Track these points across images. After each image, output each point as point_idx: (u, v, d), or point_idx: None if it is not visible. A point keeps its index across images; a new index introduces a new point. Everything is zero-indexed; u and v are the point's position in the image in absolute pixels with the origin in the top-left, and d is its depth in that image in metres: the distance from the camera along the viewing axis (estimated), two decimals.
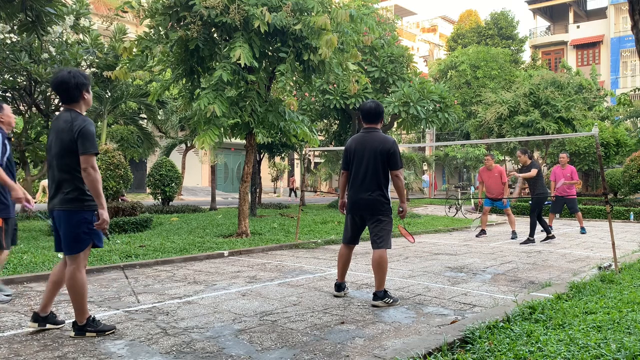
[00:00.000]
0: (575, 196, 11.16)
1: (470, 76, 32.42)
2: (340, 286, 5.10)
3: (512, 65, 34.79)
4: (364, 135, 4.87)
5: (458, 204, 17.93)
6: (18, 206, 4.80)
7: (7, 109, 4.94)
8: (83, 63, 13.47)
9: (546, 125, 20.63)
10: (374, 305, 4.66)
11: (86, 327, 3.68)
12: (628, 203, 17.08)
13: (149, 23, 8.60)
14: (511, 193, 20.58)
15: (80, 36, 13.69)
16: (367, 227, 4.98)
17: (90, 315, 3.75)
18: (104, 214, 3.64)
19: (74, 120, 3.62)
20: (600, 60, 37.92)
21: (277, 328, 3.93)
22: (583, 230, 11.52)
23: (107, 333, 3.73)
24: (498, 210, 12.12)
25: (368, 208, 4.79)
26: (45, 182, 19.50)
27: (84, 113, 3.81)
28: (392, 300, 4.70)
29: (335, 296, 5.08)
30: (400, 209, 4.89)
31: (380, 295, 4.67)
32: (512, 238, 10.42)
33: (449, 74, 33.37)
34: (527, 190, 26.89)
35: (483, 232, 11.02)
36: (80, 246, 3.67)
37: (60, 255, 6.84)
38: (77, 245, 3.66)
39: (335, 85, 15.63)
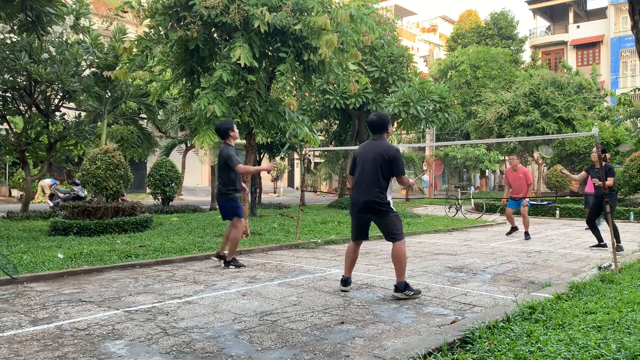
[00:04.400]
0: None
1: (470, 76, 32.42)
2: (347, 281, 5.34)
3: (512, 65, 34.80)
4: (370, 143, 5.20)
5: (458, 204, 17.93)
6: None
7: None
8: (83, 63, 13.47)
9: (546, 125, 20.66)
10: (395, 297, 4.87)
11: (230, 262, 6.59)
12: (628, 203, 17.08)
13: (149, 23, 8.60)
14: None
15: (80, 36, 13.69)
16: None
17: (234, 257, 6.64)
18: (265, 167, 7.19)
19: (222, 151, 6.46)
20: (600, 60, 37.91)
21: (277, 328, 3.93)
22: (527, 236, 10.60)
23: (240, 268, 6.50)
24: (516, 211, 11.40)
25: (368, 208, 5.02)
26: (43, 182, 19.48)
27: (233, 143, 6.55)
28: (412, 292, 4.90)
29: (342, 290, 5.27)
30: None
31: (401, 287, 4.89)
32: (526, 239, 10.27)
33: (449, 74, 33.36)
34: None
35: (515, 229, 10.85)
36: (231, 216, 6.57)
37: (60, 255, 6.87)
38: (229, 216, 6.59)
39: (335, 85, 15.63)
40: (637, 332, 3.37)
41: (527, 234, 10.42)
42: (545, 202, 17.79)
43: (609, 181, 8.33)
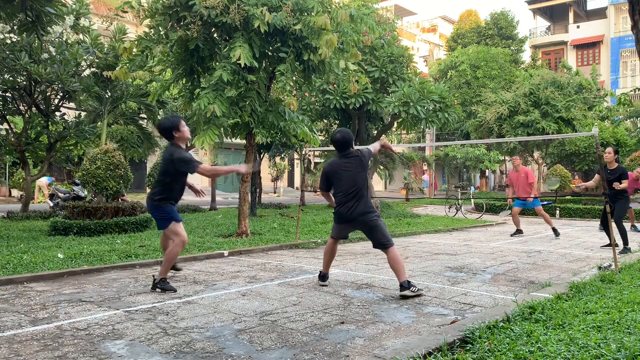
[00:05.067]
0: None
1: (470, 76, 32.40)
2: (324, 277, 5.57)
3: (512, 65, 34.79)
4: (342, 159, 5.36)
5: (458, 204, 17.93)
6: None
7: None
8: (83, 63, 13.46)
9: (546, 125, 20.64)
10: (402, 296, 4.93)
11: (158, 284, 5.18)
12: None
13: (149, 23, 8.59)
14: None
15: (80, 36, 13.69)
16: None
17: (164, 277, 5.20)
18: (238, 169, 5.43)
19: (172, 153, 5.25)
20: (600, 60, 37.92)
21: (277, 328, 3.93)
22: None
23: (167, 291, 5.13)
24: (529, 210, 11.74)
25: (363, 219, 5.21)
26: (40, 182, 19.48)
27: (183, 145, 5.43)
28: (417, 289, 5.00)
29: (321, 285, 5.48)
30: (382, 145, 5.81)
31: (406, 285, 4.97)
32: (556, 236, 10.42)
33: (449, 74, 33.34)
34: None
35: (519, 232, 11.00)
36: (165, 224, 5.29)
37: (60, 255, 6.88)
38: (163, 224, 5.31)
39: (335, 85, 15.61)
40: (637, 332, 3.37)
41: (554, 230, 10.53)
42: (545, 202, 17.78)
43: (624, 183, 8.33)
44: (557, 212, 16.90)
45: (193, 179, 6.07)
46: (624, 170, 8.48)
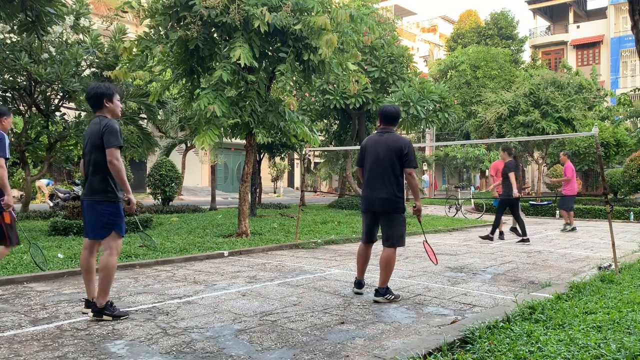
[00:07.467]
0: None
1: (470, 76, 32.41)
2: (360, 283, 5.20)
3: (512, 65, 34.78)
4: (381, 136, 4.99)
5: (458, 204, 17.93)
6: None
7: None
8: (83, 63, 13.46)
9: (546, 125, 20.62)
10: (375, 301, 4.77)
11: (104, 310, 4.10)
12: (628, 203, 17.08)
13: (149, 23, 8.59)
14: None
15: (80, 36, 13.68)
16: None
17: (109, 300, 4.15)
18: (132, 198, 4.24)
19: (101, 122, 4.20)
20: (600, 60, 37.89)
21: (277, 328, 3.93)
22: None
23: (121, 318, 4.14)
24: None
25: (382, 206, 4.86)
26: (39, 182, 19.48)
27: (109, 116, 4.32)
28: (393, 297, 4.83)
29: (356, 293, 5.16)
30: (414, 206, 4.99)
31: (382, 291, 4.80)
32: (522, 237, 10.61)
33: (449, 74, 33.35)
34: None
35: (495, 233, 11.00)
36: (104, 233, 4.16)
37: (60, 255, 6.88)
38: (101, 232, 4.17)
39: (335, 85, 15.61)
40: (637, 332, 3.37)
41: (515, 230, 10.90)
42: (545, 202, 17.80)
43: (511, 177, 9.35)
44: (557, 212, 16.90)
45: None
46: (508, 164, 9.46)
